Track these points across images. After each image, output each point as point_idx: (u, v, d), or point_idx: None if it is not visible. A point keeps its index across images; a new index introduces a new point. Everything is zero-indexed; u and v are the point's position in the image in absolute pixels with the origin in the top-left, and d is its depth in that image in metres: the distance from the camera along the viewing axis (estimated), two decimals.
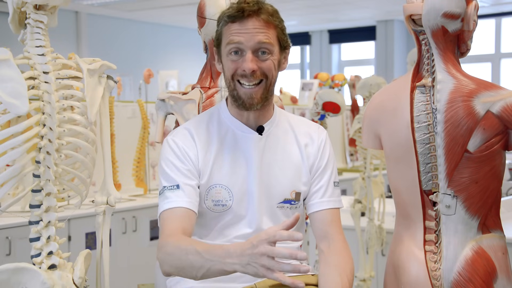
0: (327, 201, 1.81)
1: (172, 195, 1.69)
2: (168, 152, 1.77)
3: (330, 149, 1.86)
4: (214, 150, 1.77)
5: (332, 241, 1.76)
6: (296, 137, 1.83)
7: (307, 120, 1.93)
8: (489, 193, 1.78)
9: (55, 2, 1.84)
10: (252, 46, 1.69)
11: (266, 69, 1.72)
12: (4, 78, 1.73)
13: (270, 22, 1.71)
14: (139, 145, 4.28)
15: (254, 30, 1.70)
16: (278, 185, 1.77)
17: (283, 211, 1.79)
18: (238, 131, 1.78)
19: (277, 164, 1.78)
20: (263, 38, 1.70)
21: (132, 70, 8.27)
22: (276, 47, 1.74)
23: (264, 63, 1.71)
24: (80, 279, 1.79)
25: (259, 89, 1.72)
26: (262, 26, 1.70)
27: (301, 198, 1.80)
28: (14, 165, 1.74)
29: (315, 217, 1.81)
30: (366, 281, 3.43)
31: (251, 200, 1.75)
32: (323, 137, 1.86)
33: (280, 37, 1.74)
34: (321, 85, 6.87)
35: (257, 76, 1.71)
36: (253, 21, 1.70)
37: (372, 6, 10.24)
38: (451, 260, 1.78)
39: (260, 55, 1.71)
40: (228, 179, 1.75)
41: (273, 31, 1.73)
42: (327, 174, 1.83)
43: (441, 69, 1.76)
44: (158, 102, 2.22)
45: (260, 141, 1.77)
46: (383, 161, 3.72)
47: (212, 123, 1.81)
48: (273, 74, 1.74)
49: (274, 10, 1.74)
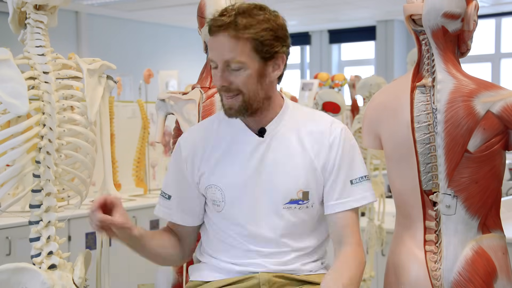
0: (342, 203, 1.75)
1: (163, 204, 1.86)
2: (174, 156, 1.86)
3: (345, 145, 1.77)
4: (216, 152, 1.78)
5: (344, 245, 1.75)
6: (303, 136, 1.78)
7: (322, 116, 1.84)
8: (489, 193, 1.78)
9: (55, 2, 1.84)
10: (221, 63, 1.67)
11: (239, 84, 1.68)
12: (4, 78, 1.73)
13: (240, 37, 1.64)
14: (139, 145, 4.28)
15: (221, 47, 1.66)
16: (283, 186, 1.75)
17: (292, 211, 1.75)
18: (241, 134, 1.78)
19: (281, 165, 1.76)
20: (229, 56, 1.65)
21: (132, 70, 8.26)
22: (252, 60, 1.67)
23: (237, 78, 1.67)
24: (80, 279, 1.79)
25: (235, 101, 1.70)
26: (230, 42, 1.65)
27: (311, 196, 1.76)
28: (14, 165, 1.74)
29: (330, 219, 1.78)
30: (366, 281, 3.43)
31: (245, 203, 1.75)
32: (336, 134, 1.77)
33: (258, 49, 1.66)
34: (321, 85, 6.86)
35: (232, 90, 1.69)
36: (220, 37, 1.66)
37: (372, 6, 10.23)
38: (451, 260, 1.78)
39: (232, 71, 1.67)
40: (222, 180, 1.76)
41: (245, 45, 1.65)
42: (343, 173, 1.76)
43: (441, 69, 1.76)
44: (158, 102, 2.22)
45: (261, 143, 1.76)
46: (383, 161, 3.72)
47: (220, 125, 1.82)
48: (250, 88, 1.69)
49: (248, 22, 1.65)
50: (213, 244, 1.82)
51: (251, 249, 1.76)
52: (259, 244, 1.76)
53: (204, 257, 1.84)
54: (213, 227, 1.82)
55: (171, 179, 1.86)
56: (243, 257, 1.77)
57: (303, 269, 1.78)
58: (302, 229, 1.78)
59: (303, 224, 1.78)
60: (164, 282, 2.18)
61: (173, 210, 1.85)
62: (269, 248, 1.76)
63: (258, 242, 1.76)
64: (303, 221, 1.77)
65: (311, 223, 1.79)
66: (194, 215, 1.85)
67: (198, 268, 1.85)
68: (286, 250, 1.76)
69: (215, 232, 1.82)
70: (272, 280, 1.73)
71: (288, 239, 1.76)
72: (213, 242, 1.83)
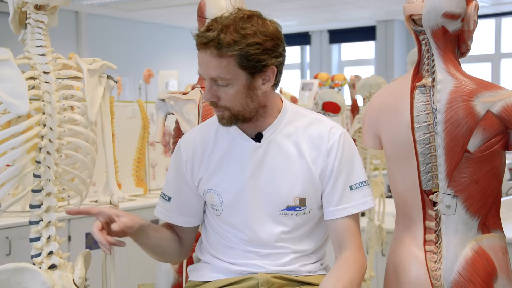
0: (341, 209, 1.74)
1: (163, 205, 1.87)
2: (174, 158, 1.87)
3: (344, 151, 1.74)
4: (214, 157, 1.78)
5: (344, 250, 1.74)
6: (301, 142, 1.75)
7: (321, 120, 1.80)
8: (489, 193, 1.78)
9: (56, 2, 1.84)
10: (208, 79, 1.67)
11: (226, 101, 1.67)
12: (4, 78, 1.73)
13: (223, 55, 1.61)
14: (139, 145, 4.28)
15: (206, 64, 1.65)
16: (279, 192, 1.73)
17: (289, 217, 1.75)
18: (237, 139, 1.76)
19: (277, 171, 1.74)
20: (214, 73, 1.64)
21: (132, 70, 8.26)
22: (238, 76, 1.64)
23: (225, 93, 1.66)
24: (80, 279, 1.79)
25: (224, 114, 1.69)
26: (213, 59, 1.63)
27: (308, 203, 1.74)
28: (14, 165, 1.74)
29: (329, 225, 1.77)
30: (366, 281, 3.43)
31: (242, 208, 1.75)
32: (335, 139, 1.74)
33: (244, 64, 1.62)
34: (321, 85, 6.87)
35: (219, 106, 1.68)
36: (205, 53, 1.64)
37: (372, 6, 10.24)
38: (451, 260, 1.78)
39: (219, 86, 1.66)
40: (220, 185, 1.76)
41: (229, 62, 1.62)
42: (341, 179, 1.74)
43: (441, 69, 1.77)
44: (158, 102, 2.22)
45: (258, 148, 1.74)
46: (383, 161, 3.72)
47: (219, 129, 1.80)
48: (238, 103, 1.67)
49: (232, 39, 1.61)
50: (212, 244, 1.83)
51: (249, 250, 1.76)
52: (258, 247, 1.76)
53: (204, 255, 1.84)
54: (212, 228, 1.83)
55: (172, 181, 1.86)
56: (242, 258, 1.77)
57: (302, 270, 1.78)
58: (300, 233, 1.78)
59: (300, 228, 1.78)
60: (164, 282, 2.18)
61: (172, 212, 1.85)
62: (267, 249, 1.76)
63: (256, 245, 1.76)
64: (300, 226, 1.77)
65: (309, 227, 1.79)
66: (193, 217, 1.86)
67: (197, 268, 1.86)
68: (285, 252, 1.77)
69: (214, 233, 1.82)
70: (271, 280, 1.73)
71: (286, 243, 1.76)
72: (212, 242, 1.83)
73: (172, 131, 2.31)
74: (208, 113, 2.11)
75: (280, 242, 1.75)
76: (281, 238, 1.75)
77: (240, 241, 1.77)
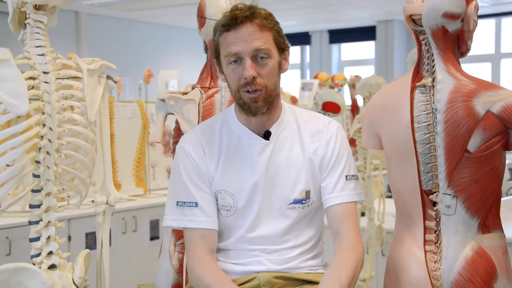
0: (338, 196, 1.79)
1: (191, 214, 1.77)
2: (185, 163, 1.80)
3: (341, 143, 1.83)
4: (222, 157, 1.79)
5: (342, 240, 1.77)
6: (303, 136, 1.82)
7: (317, 115, 1.90)
8: (489, 193, 1.78)
9: (55, 2, 1.84)
10: (250, 53, 1.69)
11: (265, 75, 1.71)
12: (4, 78, 1.73)
13: (265, 26, 1.71)
14: (139, 145, 4.28)
15: (249, 37, 1.69)
16: (286, 187, 1.78)
17: (295, 211, 1.79)
18: (245, 138, 1.79)
19: (284, 166, 1.78)
20: (259, 44, 1.69)
21: (132, 70, 8.26)
22: (274, 50, 1.73)
23: (264, 68, 1.71)
24: (80, 279, 1.79)
25: (261, 93, 1.72)
26: (257, 31, 1.70)
27: (312, 195, 1.80)
28: (14, 165, 1.74)
29: (327, 213, 1.82)
30: (366, 281, 3.43)
31: (254, 207, 1.77)
32: (332, 131, 1.83)
33: (277, 39, 1.74)
34: (321, 85, 6.87)
35: (258, 84, 1.71)
36: (247, 27, 1.69)
37: (372, 6, 10.23)
38: (451, 260, 1.78)
39: (259, 60, 1.71)
40: (233, 186, 1.77)
41: (269, 34, 1.72)
42: (339, 168, 1.81)
43: (441, 69, 1.76)
44: (158, 102, 2.22)
45: (267, 146, 1.78)
46: (383, 161, 3.72)
47: (222, 129, 1.82)
48: (272, 81, 1.73)
49: (267, 13, 1.73)
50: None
51: (254, 248, 1.78)
52: (263, 243, 1.78)
53: None
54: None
55: (189, 185, 1.79)
56: (245, 257, 1.78)
57: (303, 266, 1.80)
58: (301, 224, 1.82)
59: (302, 220, 1.82)
60: (164, 282, 2.18)
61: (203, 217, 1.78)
62: (272, 245, 1.78)
63: (261, 242, 1.78)
64: (302, 218, 1.81)
65: (309, 217, 1.83)
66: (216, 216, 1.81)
67: None
68: (289, 247, 1.79)
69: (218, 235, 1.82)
70: (272, 281, 1.75)
71: (290, 236, 1.79)
72: None
73: (172, 131, 2.31)
74: (208, 113, 2.12)
75: (285, 236, 1.79)
76: (286, 232, 1.79)
77: (245, 239, 1.78)
